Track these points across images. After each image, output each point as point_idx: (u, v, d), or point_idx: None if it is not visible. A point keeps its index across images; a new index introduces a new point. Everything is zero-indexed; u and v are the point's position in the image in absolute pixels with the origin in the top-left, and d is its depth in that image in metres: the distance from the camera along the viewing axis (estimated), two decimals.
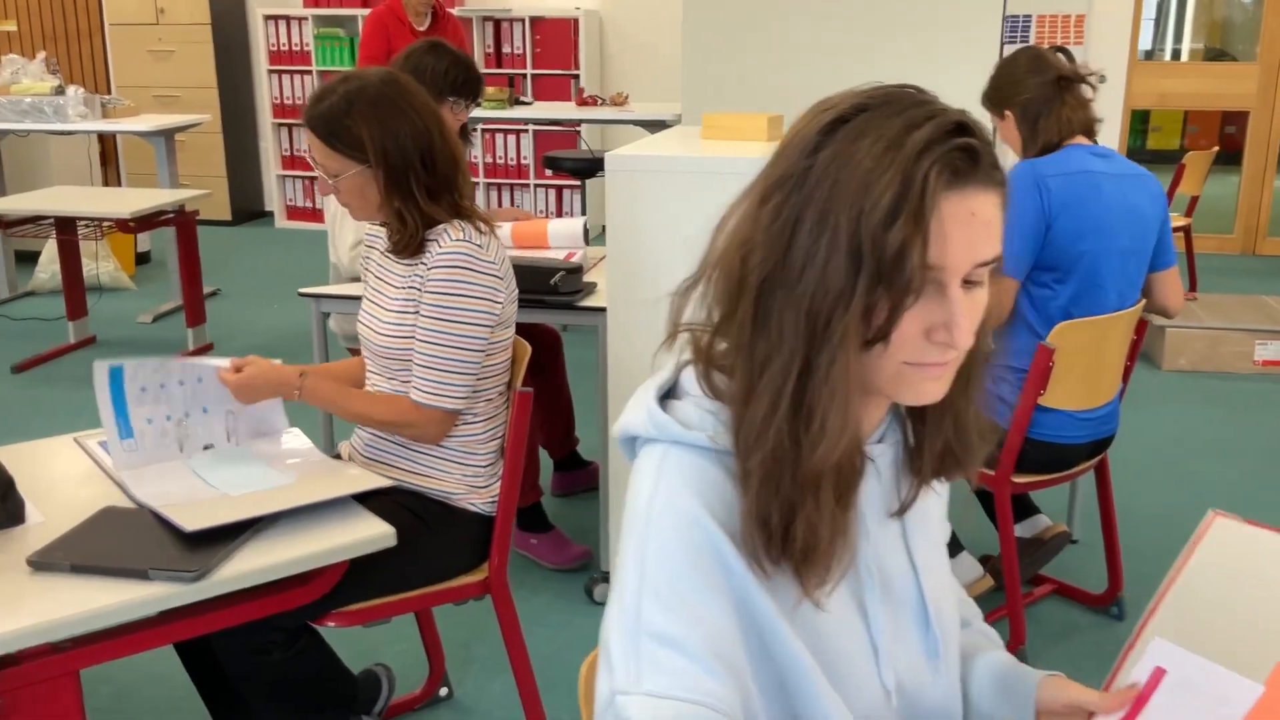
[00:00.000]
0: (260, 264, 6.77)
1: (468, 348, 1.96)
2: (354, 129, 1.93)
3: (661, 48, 7.32)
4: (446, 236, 1.98)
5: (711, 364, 0.99)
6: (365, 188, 1.98)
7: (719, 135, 2.83)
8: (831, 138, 0.91)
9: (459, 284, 1.95)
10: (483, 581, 2.07)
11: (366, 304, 2.11)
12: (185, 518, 1.63)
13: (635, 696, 0.88)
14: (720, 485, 0.94)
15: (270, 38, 7.60)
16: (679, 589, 0.91)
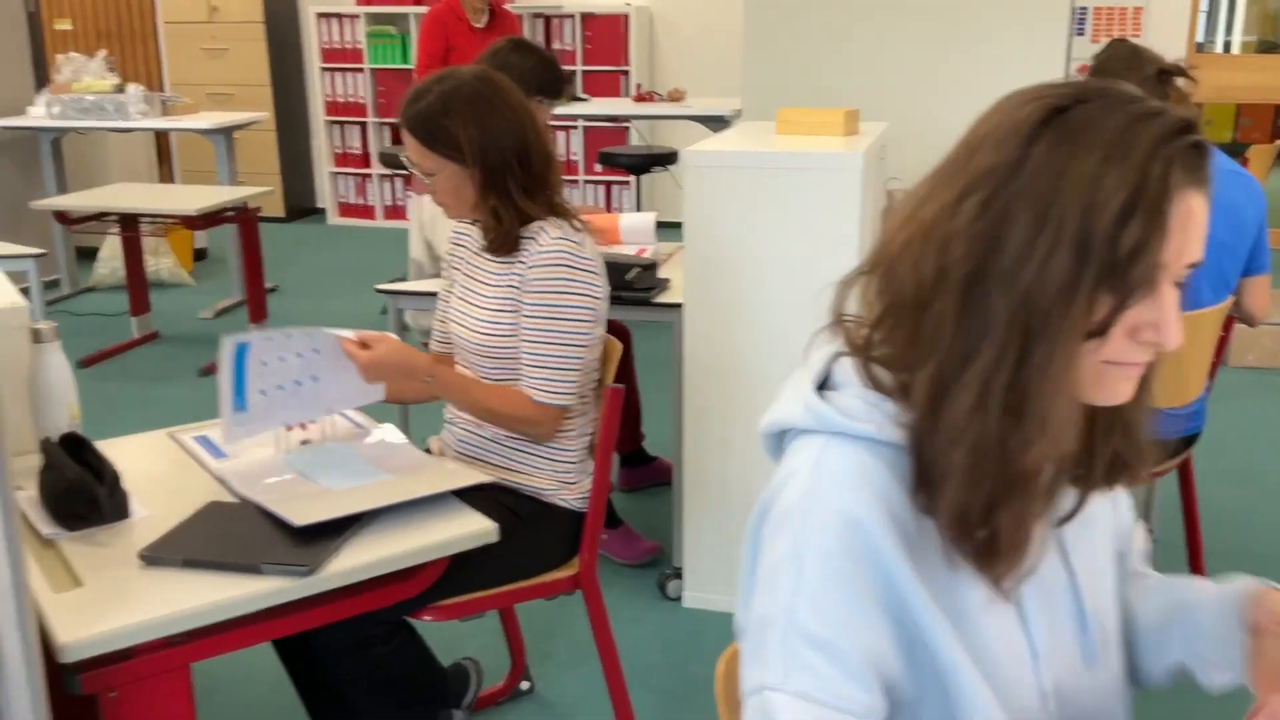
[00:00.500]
0: (315, 260, 6.82)
1: (575, 343, 1.98)
2: (451, 129, 1.94)
3: (712, 43, 7.31)
4: (544, 235, 1.98)
5: (871, 356, 0.97)
6: (461, 187, 1.99)
7: (794, 130, 2.81)
8: (1048, 129, 0.89)
9: (561, 281, 1.96)
10: (573, 577, 2.07)
11: (458, 302, 2.11)
12: (293, 513, 1.64)
13: (783, 695, 0.89)
14: (882, 480, 0.93)
15: (323, 35, 7.66)
16: (835, 593, 0.91)
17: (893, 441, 0.94)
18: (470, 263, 2.12)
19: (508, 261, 2.02)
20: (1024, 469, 0.89)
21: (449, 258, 2.20)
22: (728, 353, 2.67)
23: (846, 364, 1.00)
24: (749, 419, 2.69)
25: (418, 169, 2.01)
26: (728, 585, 2.82)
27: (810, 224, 2.52)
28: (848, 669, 0.89)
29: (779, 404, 1.03)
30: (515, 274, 2.00)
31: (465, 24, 5.26)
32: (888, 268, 0.95)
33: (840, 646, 0.89)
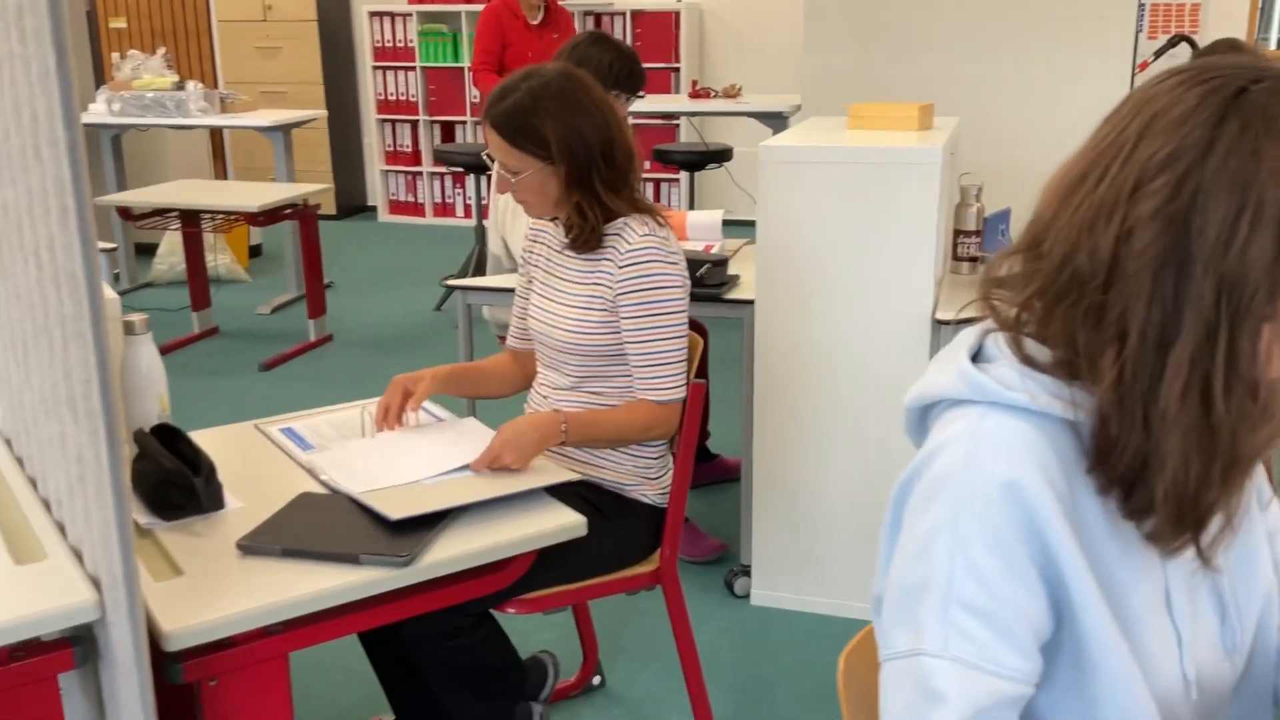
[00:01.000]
0: (367, 257, 6.87)
1: (677, 335, 1.99)
2: (539, 127, 1.94)
3: (763, 40, 7.29)
4: (631, 231, 1.98)
5: (1025, 332, 0.98)
6: (546, 184, 1.99)
7: (867, 125, 2.79)
8: (1233, 111, 0.88)
9: (655, 277, 1.97)
10: (654, 572, 2.07)
11: (539, 299, 2.11)
12: (387, 505, 1.65)
13: (942, 661, 0.91)
14: (1041, 449, 0.94)
15: (375, 34, 7.70)
16: (995, 559, 0.92)
17: (1050, 413, 0.95)
18: (550, 260, 2.12)
19: (593, 259, 2.02)
20: (1250, 451, 0.90)
21: (526, 255, 2.20)
22: (799, 349, 2.65)
23: (999, 339, 1.00)
24: (820, 416, 2.68)
25: (502, 166, 2.01)
26: (796, 583, 2.81)
27: (887, 220, 2.50)
28: (1007, 635, 0.91)
29: (927, 377, 1.03)
30: (603, 272, 2.00)
31: (521, 20, 5.27)
32: (1044, 248, 0.96)
33: (1000, 613, 0.91)
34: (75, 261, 1.24)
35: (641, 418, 1.98)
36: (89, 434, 1.31)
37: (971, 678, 0.90)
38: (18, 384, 1.71)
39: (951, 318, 2.51)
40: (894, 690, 0.94)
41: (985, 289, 1.01)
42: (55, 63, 1.18)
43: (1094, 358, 0.92)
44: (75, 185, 1.21)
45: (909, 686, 0.92)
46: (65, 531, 1.54)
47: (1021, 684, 0.91)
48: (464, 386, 2.16)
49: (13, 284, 1.58)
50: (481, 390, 2.21)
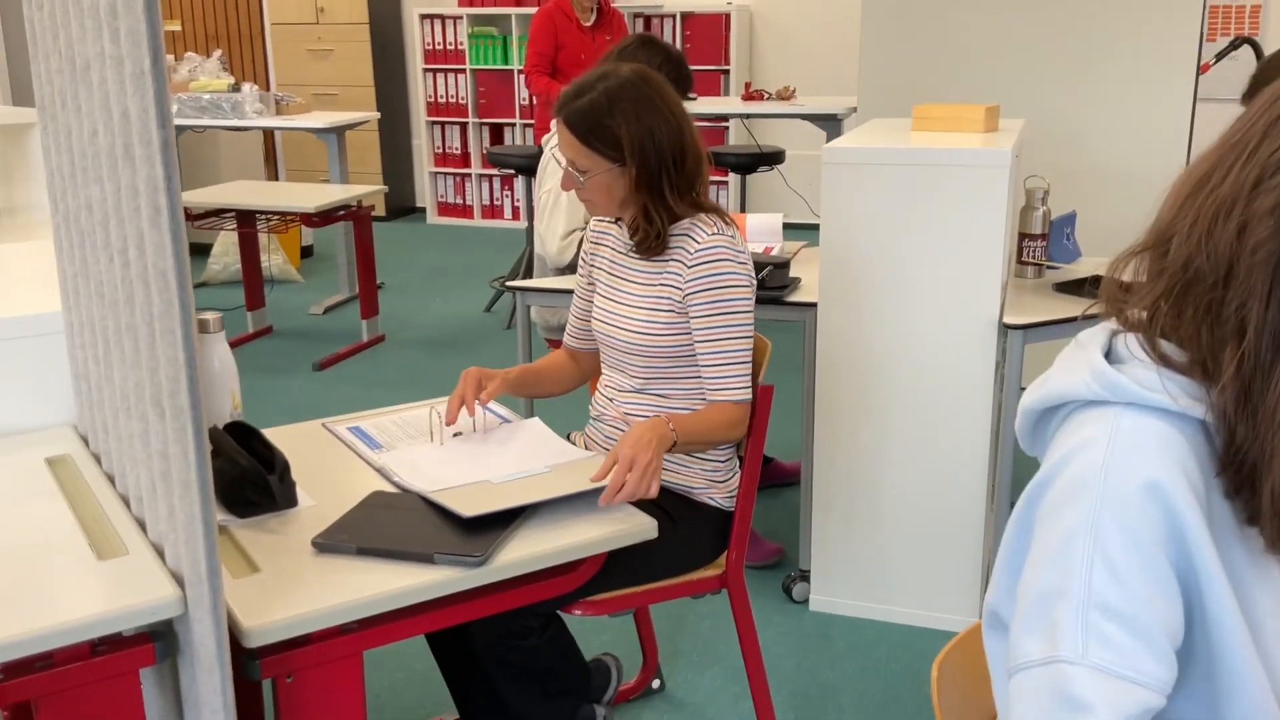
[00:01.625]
0: (417, 259, 6.91)
1: (744, 335, 1.99)
2: (613, 128, 1.94)
3: (813, 42, 7.26)
4: (700, 232, 1.97)
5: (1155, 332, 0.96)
6: (614, 185, 1.98)
7: (932, 127, 2.76)
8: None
9: (725, 276, 1.95)
10: (719, 576, 2.06)
11: (603, 301, 2.11)
12: (459, 504, 1.65)
13: (1081, 667, 0.89)
14: (1180, 450, 0.93)
15: (425, 37, 7.75)
16: (1136, 564, 0.90)
17: (1188, 415, 0.94)
18: (614, 262, 2.12)
19: (661, 260, 2.01)
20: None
21: (588, 256, 2.19)
22: (862, 352, 2.63)
23: (1130, 340, 0.99)
24: (882, 420, 2.65)
25: (571, 165, 2.00)
26: (856, 589, 2.79)
27: (954, 222, 2.47)
28: (1147, 640, 0.89)
29: (1055, 378, 1.02)
30: (672, 273, 1.99)
31: (574, 23, 5.29)
32: (1168, 246, 0.95)
33: (1141, 619, 0.89)
34: (166, 260, 1.25)
35: (725, 418, 1.96)
36: (175, 431, 1.32)
37: (1114, 685, 0.88)
38: (96, 381, 1.73)
39: (1020, 322, 2.47)
40: (1028, 701, 0.92)
41: (1110, 290, 1.01)
42: (150, 63, 1.19)
43: (1215, 355, 0.91)
44: (168, 184, 1.22)
45: (1046, 696, 0.90)
46: (146, 528, 1.55)
47: (1158, 693, 0.90)
48: (528, 388, 2.17)
49: (95, 282, 1.60)
50: (542, 391, 2.22)
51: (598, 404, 2.16)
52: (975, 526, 2.64)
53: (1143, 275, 0.98)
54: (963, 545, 2.66)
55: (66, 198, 1.70)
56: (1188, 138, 4.00)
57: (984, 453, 2.60)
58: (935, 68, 4.12)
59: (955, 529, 2.66)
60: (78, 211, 1.65)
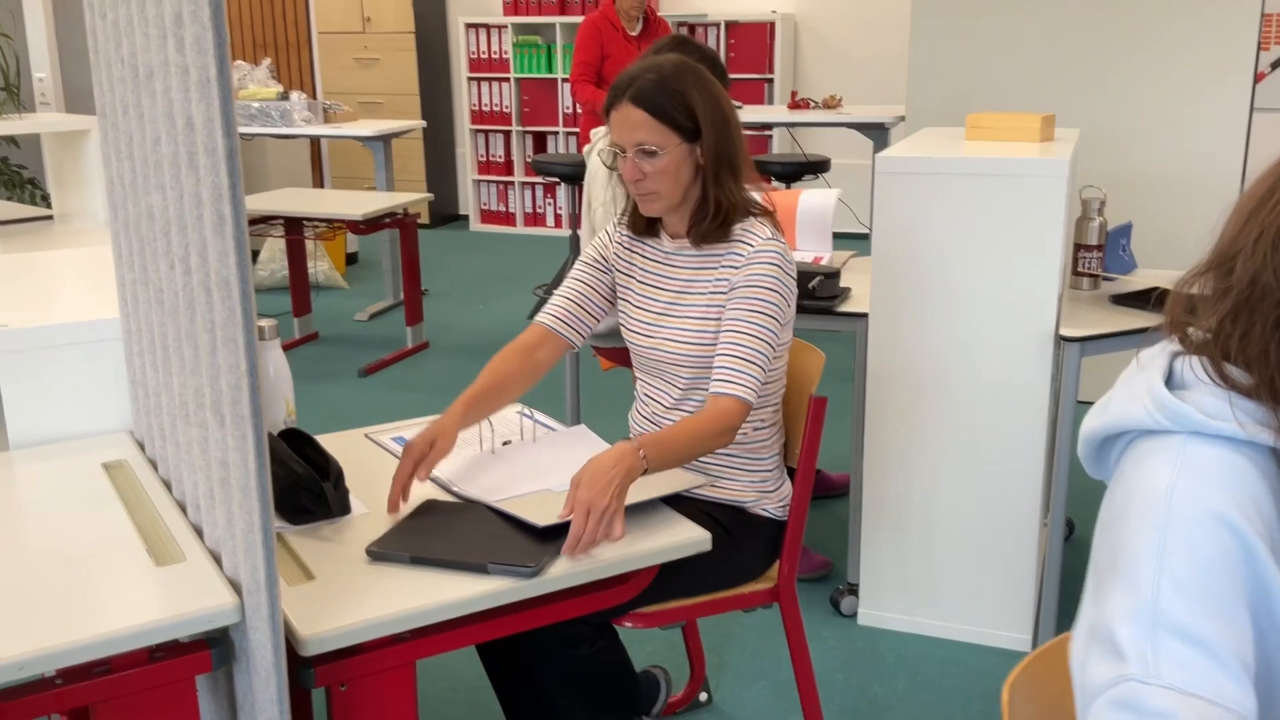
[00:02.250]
0: (460, 266, 6.94)
1: (768, 339, 1.92)
2: (689, 98, 1.91)
3: (856, 51, 7.22)
4: (755, 236, 1.96)
5: (1221, 355, 0.94)
6: (682, 166, 1.93)
7: (986, 136, 2.73)
8: None
9: (769, 279, 1.93)
10: (771, 590, 2.03)
11: (640, 314, 2.05)
12: (529, 513, 1.64)
13: (1154, 687, 0.87)
14: (1250, 480, 0.90)
15: (470, 45, 7.79)
16: (1203, 585, 0.88)
17: (1256, 441, 0.91)
18: (652, 272, 2.06)
19: (711, 266, 1.98)
20: None
21: (613, 258, 2.11)
22: (914, 364, 2.60)
23: (1193, 363, 0.96)
24: (933, 433, 2.62)
25: (638, 150, 1.92)
26: (906, 604, 2.75)
27: (1011, 233, 2.44)
28: (1221, 661, 0.87)
29: (1115, 404, 0.99)
30: (724, 280, 1.96)
31: (620, 32, 5.29)
32: (1233, 264, 0.93)
33: (1213, 639, 0.87)
34: (230, 268, 1.25)
35: (718, 420, 1.84)
36: (236, 439, 1.32)
37: (1187, 704, 0.86)
38: (154, 387, 1.74)
39: (1077, 334, 2.43)
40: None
41: (1175, 310, 0.98)
42: (216, 72, 1.20)
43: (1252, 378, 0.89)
44: (232, 193, 1.22)
45: (1125, 714, 0.88)
46: (203, 534, 1.56)
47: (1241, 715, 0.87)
48: (481, 412, 1.95)
49: (155, 289, 1.61)
50: (498, 407, 2.00)
51: (636, 423, 2.12)
52: (1029, 542, 2.60)
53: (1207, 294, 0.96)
54: (1016, 561, 2.62)
55: (127, 205, 1.72)
56: (1244, 147, 3.94)
57: (1039, 467, 2.56)
58: (985, 77, 4.08)
59: (1009, 544, 2.62)
60: (138, 219, 1.67)
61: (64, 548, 1.53)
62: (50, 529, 1.60)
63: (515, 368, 2.00)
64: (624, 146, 1.95)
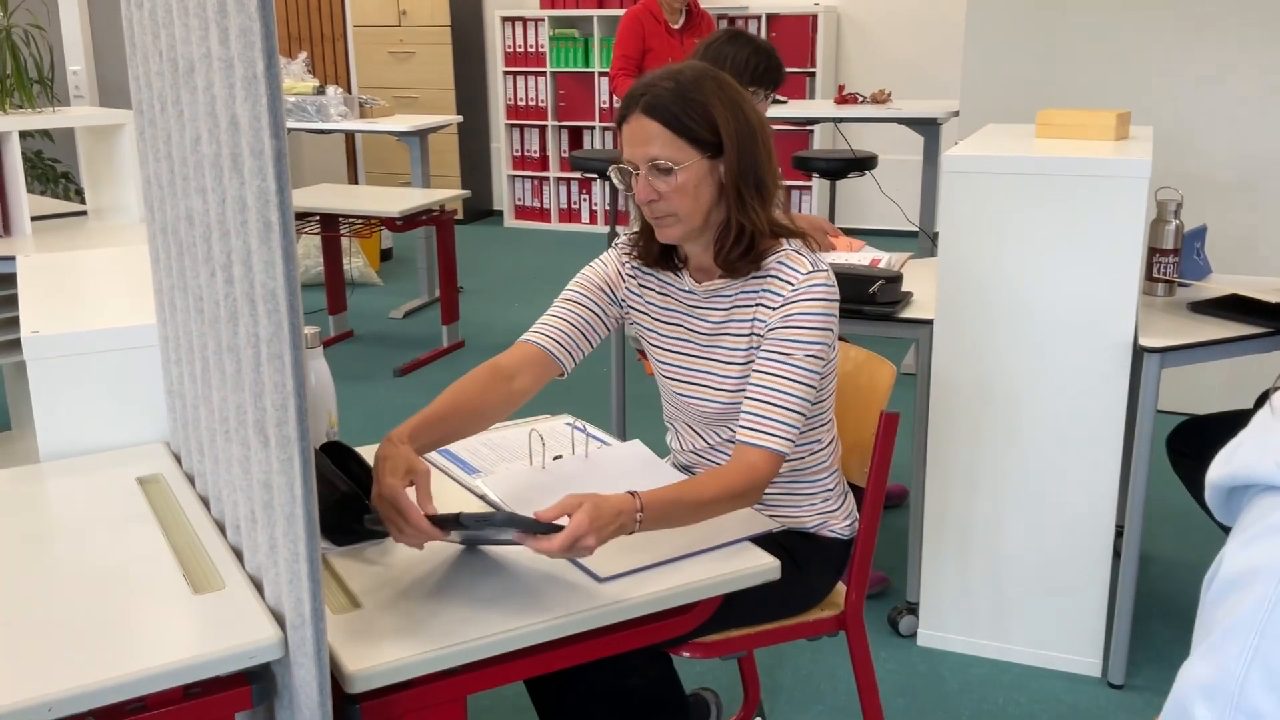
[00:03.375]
0: (495, 263, 6.85)
1: (805, 382, 1.73)
2: (709, 107, 1.71)
3: (900, 44, 7.07)
4: (793, 270, 1.76)
5: None
6: (701, 185, 1.73)
7: (1058, 134, 2.60)
8: None
9: (811, 317, 1.73)
10: (838, 617, 1.92)
11: (673, 357, 1.88)
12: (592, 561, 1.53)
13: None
14: None
15: (507, 39, 7.70)
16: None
17: None
18: (676, 310, 1.88)
19: (746, 305, 1.79)
20: None
21: (629, 297, 1.93)
22: (981, 373, 2.48)
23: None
24: (1000, 446, 2.50)
25: (653, 164, 1.73)
26: (968, 625, 2.63)
27: (1088, 237, 2.31)
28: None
29: (1243, 453, 0.87)
30: (760, 320, 1.77)
31: (663, 25, 5.18)
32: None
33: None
34: (276, 280, 1.15)
35: (743, 476, 1.66)
36: (281, 462, 1.22)
37: None
38: (192, 400, 1.65)
39: (1158, 345, 2.30)
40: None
41: None
42: (264, 67, 1.10)
43: None
44: (280, 198, 1.12)
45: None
46: (243, 558, 1.46)
47: None
48: (429, 445, 1.68)
49: (195, 297, 1.52)
50: (461, 436, 1.75)
51: (681, 456, 1.98)
52: (1101, 563, 2.47)
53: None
54: (1086, 582, 2.49)
55: (165, 207, 1.62)
56: None
57: (1113, 485, 2.43)
58: (1045, 71, 3.94)
59: (1079, 565, 2.49)
60: (176, 222, 1.57)
61: (97, 571, 1.45)
62: (83, 549, 1.51)
63: (486, 395, 1.75)
64: (636, 163, 1.74)
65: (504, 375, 1.79)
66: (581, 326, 1.88)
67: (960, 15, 6.73)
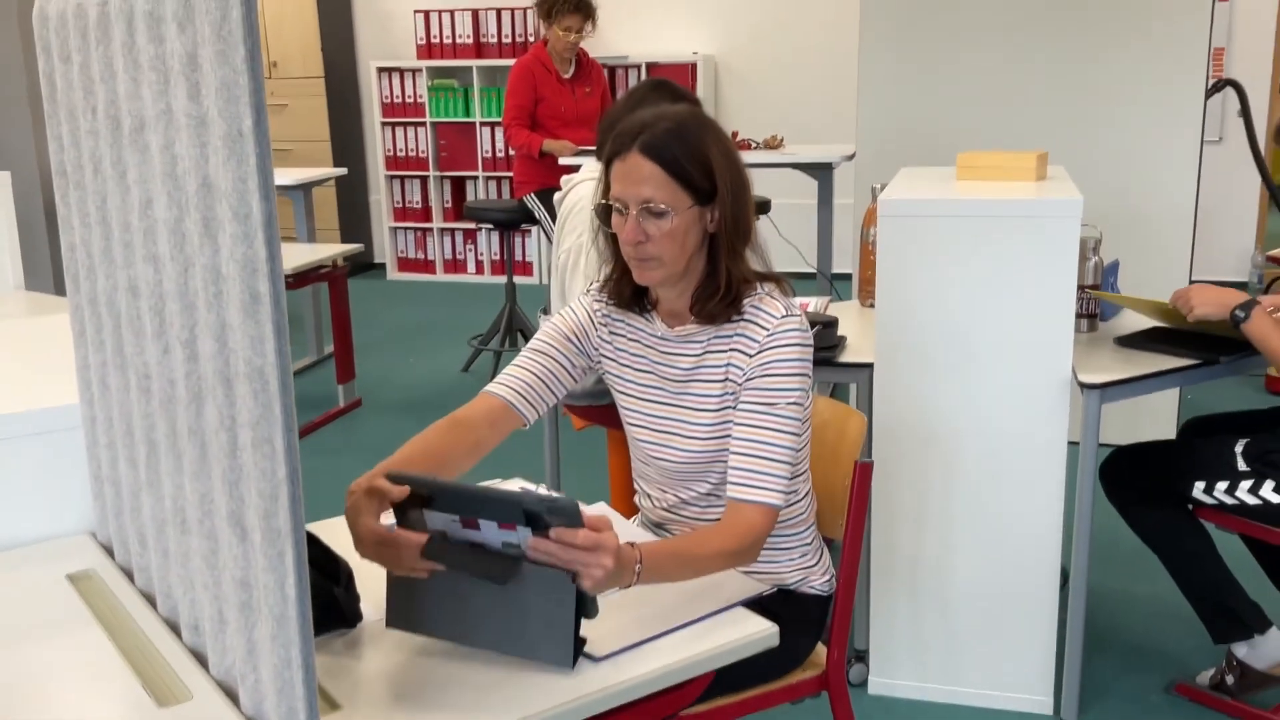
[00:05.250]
0: (381, 317, 6.66)
1: (795, 432, 1.69)
2: (708, 153, 1.67)
3: (777, 91, 7.18)
4: (768, 314, 1.72)
5: None
6: (690, 232, 1.69)
7: (980, 176, 2.63)
8: None
9: (791, 364, 1.70)
10: (819, 678, 1.86)
11: (644, 407, 1.81)
12: None
13: None
14: None
15: (383, 90, 7.56)
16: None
17: None
18: (643, 357, 1.82)
19: (719, 350, 1.74)
20: None
21: (601, 344, 1.86)
22: (924, 416, 2.47)
23: None
24: (945, 488, 2.49)
25: (644, 208, 1.67)
26: (918, 670, 2.60)
27: (1024, 275, 2.33)
28: None
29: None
30: (735, 366, 1.73)
31: (553, 74, 5.14)
32: None
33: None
34: (265, 356, 1.04)
35: (738, 536, 1.61)
36: (269, 558, 1.10)
37: None
38: (131, 487, 1.50)
39: (1096, 381, 2.33)
40: None
41: None
42: (252, 124, 0.99)
43: None
44: (271, 266, 1.02)
45: None
46: (208, 663, 1.32)
47: None
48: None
49: (139, 375, 1.38)
50: None
51: (651, 513, 1.91)
52: (1049, 599, 2.48)
53: None
54: (1035, 619, 2.49)
55: (95, 276, 1.48)
56: (1196, 180, 3.94)
57: (1058, 520, 2.44)
58: (940, 114, 4.02)
59: (1028, 602, 2.49)
60: (112, 294, 1.43)
61: (39, 684, 1.29)
62: (20, 659, 1.34)
63: (455, 445, 1.68)
64: (626, 202, 1.68)
65: (466, 427, 1.71)
66: (545, 377, 1.80)
67: (835, 62, 6.89)
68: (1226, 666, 2.51)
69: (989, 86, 3.98)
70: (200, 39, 1.05)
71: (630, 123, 1.71)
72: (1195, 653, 2.73)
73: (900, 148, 4.01)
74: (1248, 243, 6.79)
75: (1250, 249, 6.77)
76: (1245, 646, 2.47)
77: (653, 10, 7.33)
